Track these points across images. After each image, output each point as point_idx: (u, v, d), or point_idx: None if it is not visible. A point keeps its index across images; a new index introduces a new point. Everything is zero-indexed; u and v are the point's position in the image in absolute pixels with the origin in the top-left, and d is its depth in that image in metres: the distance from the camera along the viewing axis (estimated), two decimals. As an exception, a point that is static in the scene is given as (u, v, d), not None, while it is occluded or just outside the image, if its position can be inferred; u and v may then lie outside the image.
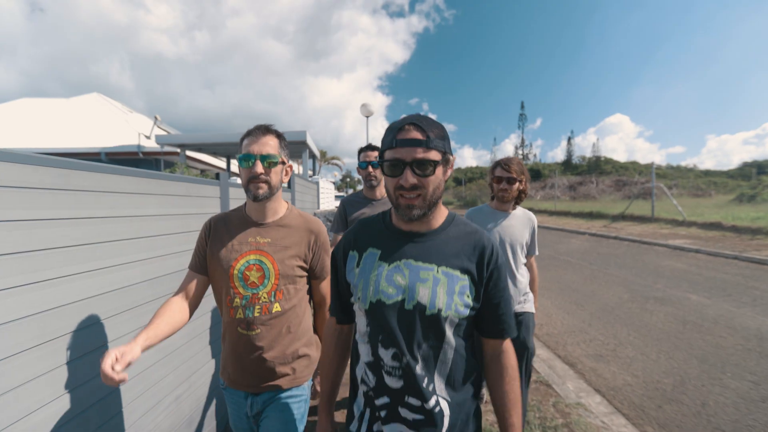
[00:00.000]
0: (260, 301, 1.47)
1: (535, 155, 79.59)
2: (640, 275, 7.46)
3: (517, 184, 2.39)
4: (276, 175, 1.49)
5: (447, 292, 1.04)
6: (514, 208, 2.48)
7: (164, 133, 13.49)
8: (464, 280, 1.06)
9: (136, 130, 11.87)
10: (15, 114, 13.98)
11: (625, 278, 7.28)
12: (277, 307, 1.48)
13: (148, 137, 11.30)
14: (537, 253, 2.55)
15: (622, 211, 16.67)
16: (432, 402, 1.04)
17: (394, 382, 1.06)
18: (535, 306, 2.54)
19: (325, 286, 1.64)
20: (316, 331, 1.71)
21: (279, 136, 1.54)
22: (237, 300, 1.46)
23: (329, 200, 11.43)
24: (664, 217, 14.33)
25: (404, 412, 1.05)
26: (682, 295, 6.00)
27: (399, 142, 1.02)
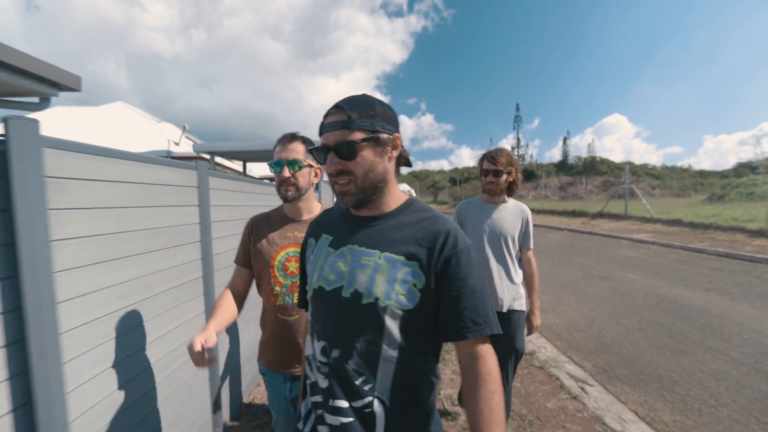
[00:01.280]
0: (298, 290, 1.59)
1: (531, 156, 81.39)
2: (598, 261, 9.02)
3: (505, 176, 2.36)
4: (303, 177, 1.59)
5: (387, 280, 0.94)
6: (506, 201, 2.47)
7: (190, 140, 15.06)
8: (409, 267, 0.95)
9: (165, 137, 13.39)
10: (55, 121, 15.47)
11: (584, 264, 8.84)
12: None
13: (177, 144, 12.83)
14: (532, 246, 2.48)
15: (600, 209, 18.29)
16: (364, 401, 0.94)
17: (321, 381, 0.98)
18: (535, 303, 2.53)
19: None
20: None
21: (305, 141, 1.62)
22: (277, 288, 1.58)
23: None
24: (635, 215, 15.93)
25: (329, 418, 0.97)
26: (623, 275, 7.57)
27: (323, 126, 0.96)
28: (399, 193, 1.06)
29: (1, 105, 3.95)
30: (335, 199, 3.49)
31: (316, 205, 1.71)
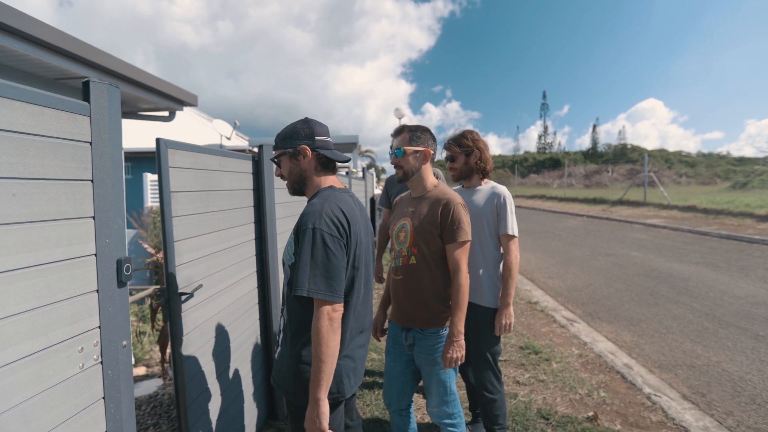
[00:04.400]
0: (402, 255, 1.86)
1: (559, 143, 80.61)
2: (607, 242, 10.02)
3: (462, 157, 2.29)
4: (407, 162, 1.83)
5: (286, 244, 1.46)
6: (481, 184, 2.33)
7: (239, 136, 16.69)
8: (291, 237, 1.39)
9: (217, 133, 14.98)
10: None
11: (594, 244, 9.87)
12: (413, 260, 1.82)
13: (229, 138, 14.38)
14: (508, 232, 2.16)
15: (620, 197, 18.95)
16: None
17: None
18: (504, 299, 2.16)
19: (459, 254, 1.73)
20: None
21: (410, 130, 1.85)
22: (393, 253, 1.92)
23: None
24: (654, 202, 16.58)
25: None
26: (626, 253, 8.60)
27: None
28: (317, 185, 1.48)
29: (141, 118, 5.40)
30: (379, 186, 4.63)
31: (430, 183, 1.89)
